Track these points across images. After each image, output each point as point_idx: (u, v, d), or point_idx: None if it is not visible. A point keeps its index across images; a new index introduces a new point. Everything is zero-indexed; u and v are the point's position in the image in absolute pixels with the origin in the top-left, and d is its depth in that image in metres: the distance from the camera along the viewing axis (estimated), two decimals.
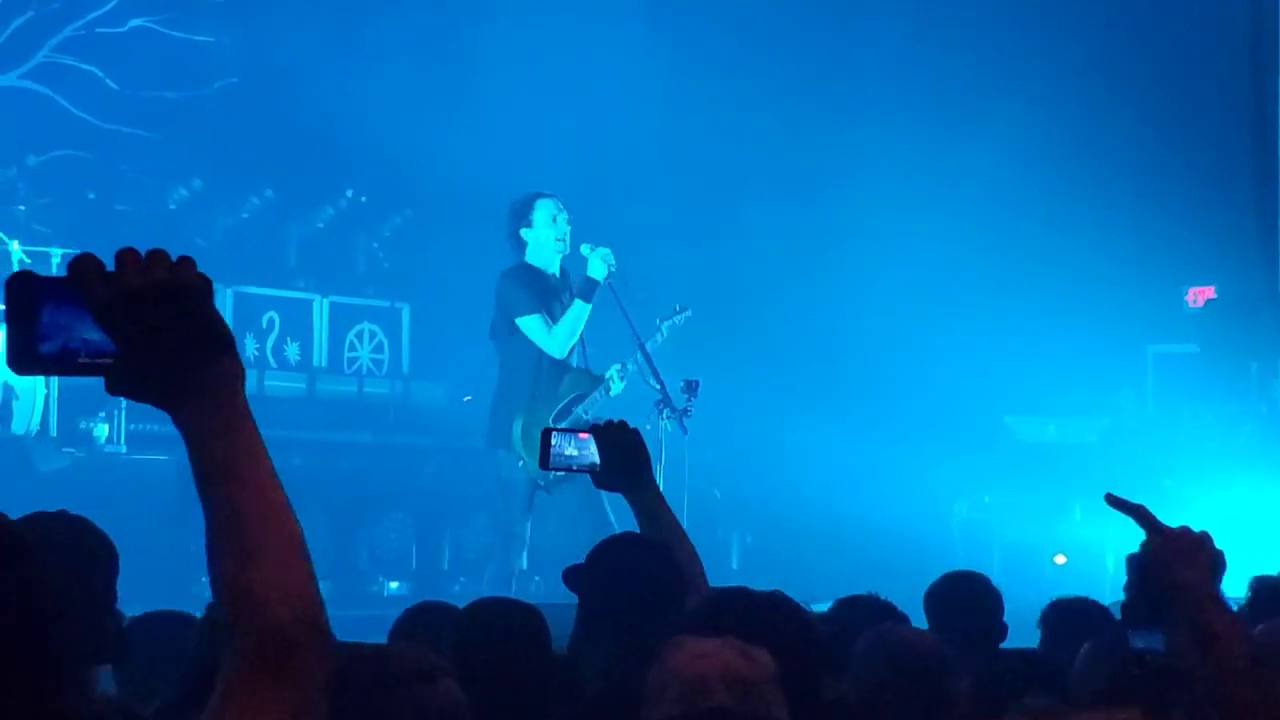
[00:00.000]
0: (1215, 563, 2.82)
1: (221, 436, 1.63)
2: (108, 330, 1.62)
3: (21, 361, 1.64)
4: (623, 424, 4.10)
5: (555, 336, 8.33)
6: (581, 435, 4.11)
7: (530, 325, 8.30)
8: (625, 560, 3.75)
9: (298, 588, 1.61)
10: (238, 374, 1.66)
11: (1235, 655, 2.68)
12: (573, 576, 3.84)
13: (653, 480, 4.12)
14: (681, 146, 12.67)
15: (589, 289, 8.34)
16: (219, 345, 1.65)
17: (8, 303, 1.63)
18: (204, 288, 1.65)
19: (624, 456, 4.03)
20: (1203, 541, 2.85)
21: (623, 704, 3.09)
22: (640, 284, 8.57)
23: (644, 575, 3.67)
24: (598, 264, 8.30)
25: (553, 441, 4.07)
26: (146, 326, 1.61)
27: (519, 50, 12.27)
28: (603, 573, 3.73)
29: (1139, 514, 2.91)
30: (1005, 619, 4.79)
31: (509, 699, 3.43)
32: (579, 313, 8.34)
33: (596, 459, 4.05)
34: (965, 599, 4.69)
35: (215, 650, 2.64)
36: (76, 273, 1.63)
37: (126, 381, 1.64)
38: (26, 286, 1.63)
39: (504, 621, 3.65)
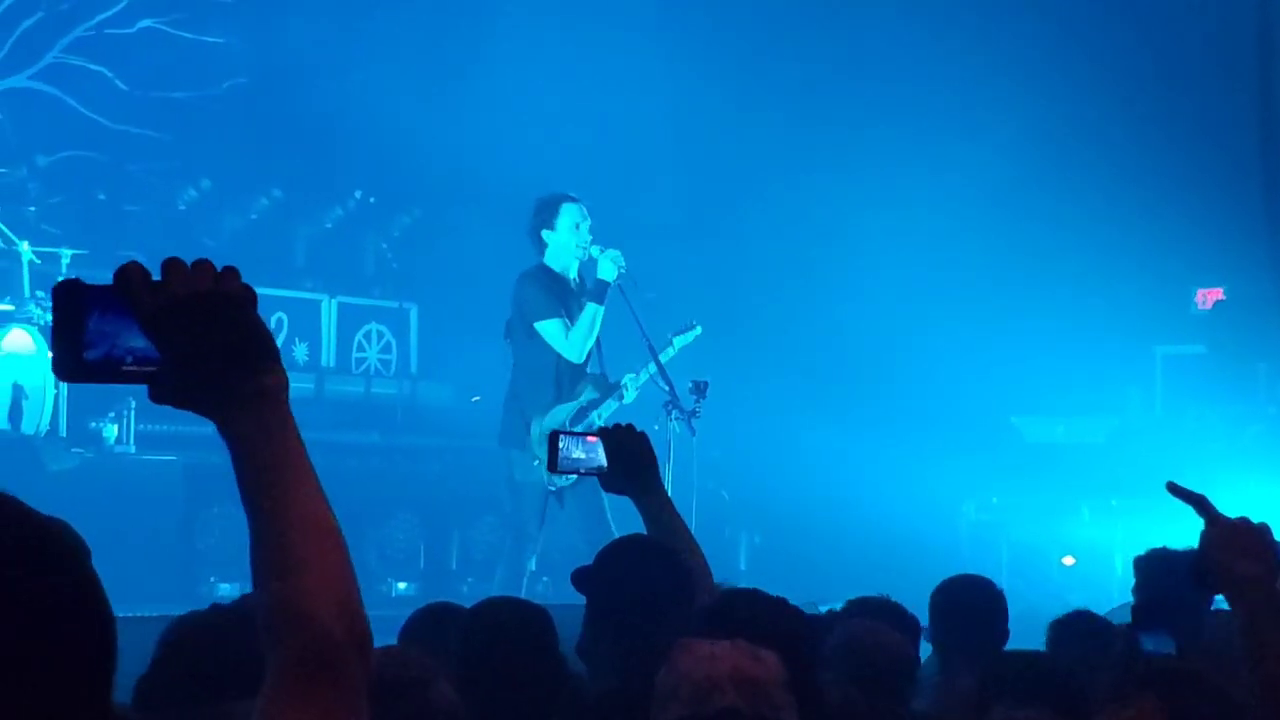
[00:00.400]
0: (1275, 554, 2.72)
1: (266, 446, 1.64)
2: (153, 339, 1.63)
3: (67, 369, 1.65)
4: (630, 427, 4.11)
5: (572, 341, 8.35)
6: (589, 438, 4.11)
7: (549, 329, 8.31)
8: (632, 562, 3.75)
9: (343, 601, 1.61)
10: (282, 384, 1.67)
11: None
12: (581, 578, 3.84)
13: (660, 484, 4.13)
14: (690, 147, 12.67)
15: (600, 291, 8.34)
16: (263, 355, 1.66)
17: (55, 310, 1.65)
18: (248, 297, 1.66)
19: (631, 460, 4.04)
20: (1262, 533, 2.74)
21: (628, 705, 3.10)
22: (649, 284, 8.56)
23: (651, 577, 3.68)
24: (608, 265, 8.30)
25: (560, 444, 4.07)
26: (191, 335, 1.63)
27: (528, 51, 12.28)
28: (610, 575, 3.74)
29: (1198, 503, 2.81)
30: (1012, 621, 4.79)
31: (514, 699, 3.44)
32: (593, 315, 8.35)
33: (604, 461, 4.06)
34: (968, 603, 4.70)
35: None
36: (122, 281, 1.64)
37: (171, 390, 1.66)
38: (73, 294, 1.64)
39: (511, 621, 3.66)
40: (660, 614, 3.56)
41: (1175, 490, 2.83)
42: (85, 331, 1.63)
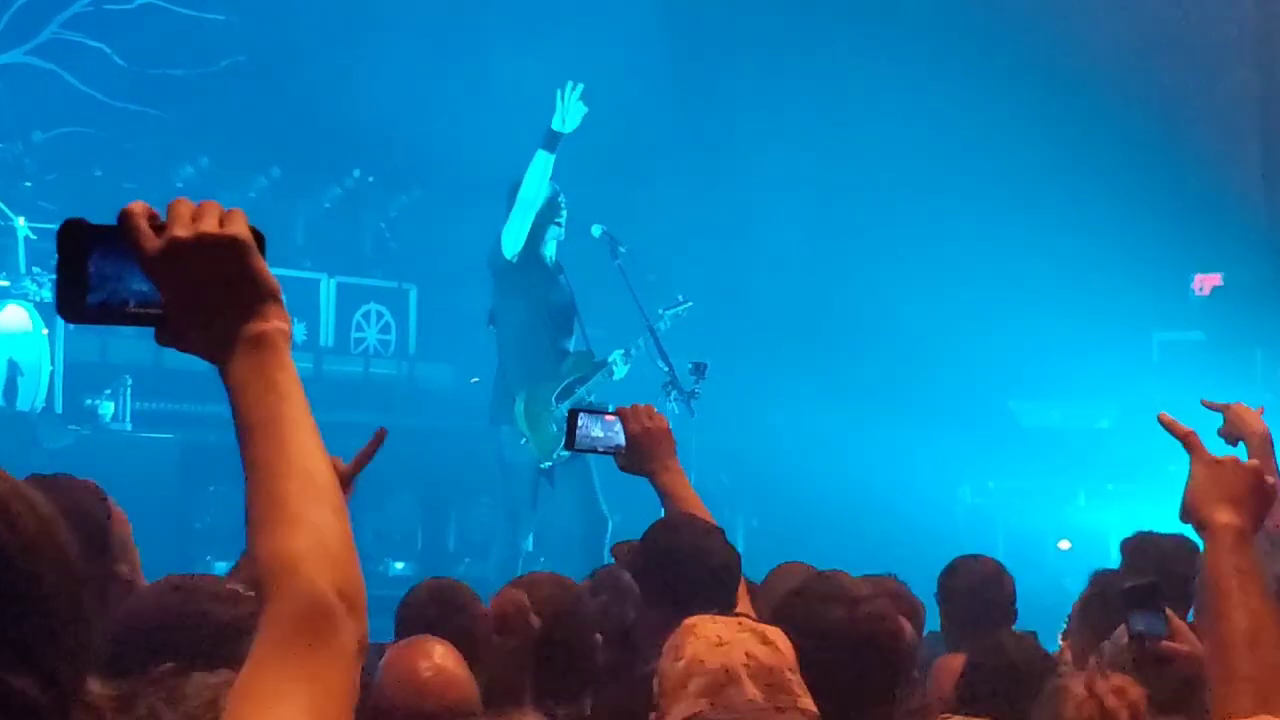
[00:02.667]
0: (1261, 502, 2.52)
1: (265, 394, 1.61)
2: (154, 280, 1.61)
3: (69, 310, 1.63)
4: (649, 408, 4.08)
5: (522, 197, 8.39)
6: (608, 417, 4.09)
7: (507, 229, 8.38)
8: (684, 542, 3.69)
9: (336, 560, 1.57)
10: (283, 330, 1.65)
11: (1236, 629, 2.42)
12: (625, 554, 3.81)
13: (678, 465, 4.10)
14: (692, 129, 12.65)
15: (552, 140, 8.37)
16: (265, 299, 1.64)
17: (58, 250, 1.63)
18: (252, 241, 1.64)
19: (651, 440, 4.01)
20: (1252, 478, 2.55)
21: None
22: (649, 266, 8.57)
23: (703, 557, 3.62)
24: (573, 116, 8.33)
25: (579, 422, 4.04)
26: (192, 278, 1.61)
27: (529, 30, 12.24)
28: (659, 553, 3.67)
29: (1185, 438, 2.74)
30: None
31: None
32: (543, 162, 8.37)
33: (622, 441, 4.04)
34: (976, 583, 4.71)
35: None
36: (125, 221, 1.62)
37: (173, 332, 1.63)
38: (76, 235, 1.62)
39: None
40: (712, 594, 3.53)
41: (1166, 423, 2.74)
42: (88, 273, 1.62)
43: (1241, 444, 4.12)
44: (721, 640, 2.64)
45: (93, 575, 1.47)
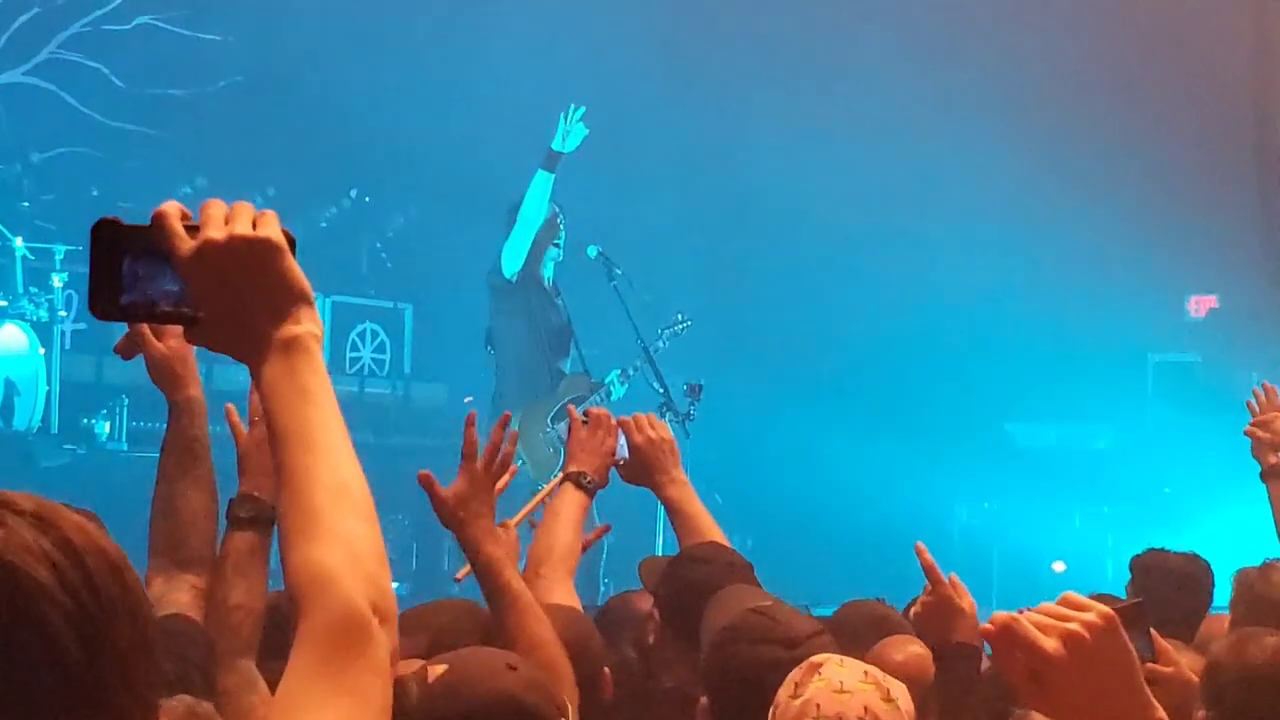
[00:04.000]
0: None
1: (296, 399, 1.62)
2: (187, 281, 1.62)
3: (102, 308, 1.65)
4: (651, 418, 4.01)
5: (523, 216, 8.40)
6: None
7: (507, 248, 8.38)
8: (709, 578, 3.57)
9: (370, 571, 1.56)
10: (316, 333, 1.65)
11: None
12: (649, 574, 3.74)
13: (684, 476, 4.02)
14: (687, 150, 12.67)
15: (552, 160, 8.40)
16: (297, 301, 1.64)
17: (92, 249, 1.65)
18: (285, 244, 1.65)
19: (655, 451, 3.95)
20: None
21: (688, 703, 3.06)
22: (644, 286, 8.59)
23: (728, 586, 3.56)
24: (574, 139, 8.36)
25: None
26: (225, 280, 1.61)
27: (525, 49, 12.27)
28: (684, 585, 3.57)
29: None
30: None
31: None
32: (543, 182, 8.38)
33: (625, 452, 4.01)
34: None
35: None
36: (159, 223, 1.63)
37: (204, 332, 1.64)
38: (110, 235, 1.64)
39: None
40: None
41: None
42: (121, 272, 1.63)
43: None
44: (843, 688, 2.56)
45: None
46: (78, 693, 1.36)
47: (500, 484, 3.30)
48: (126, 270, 1.63)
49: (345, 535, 1.56)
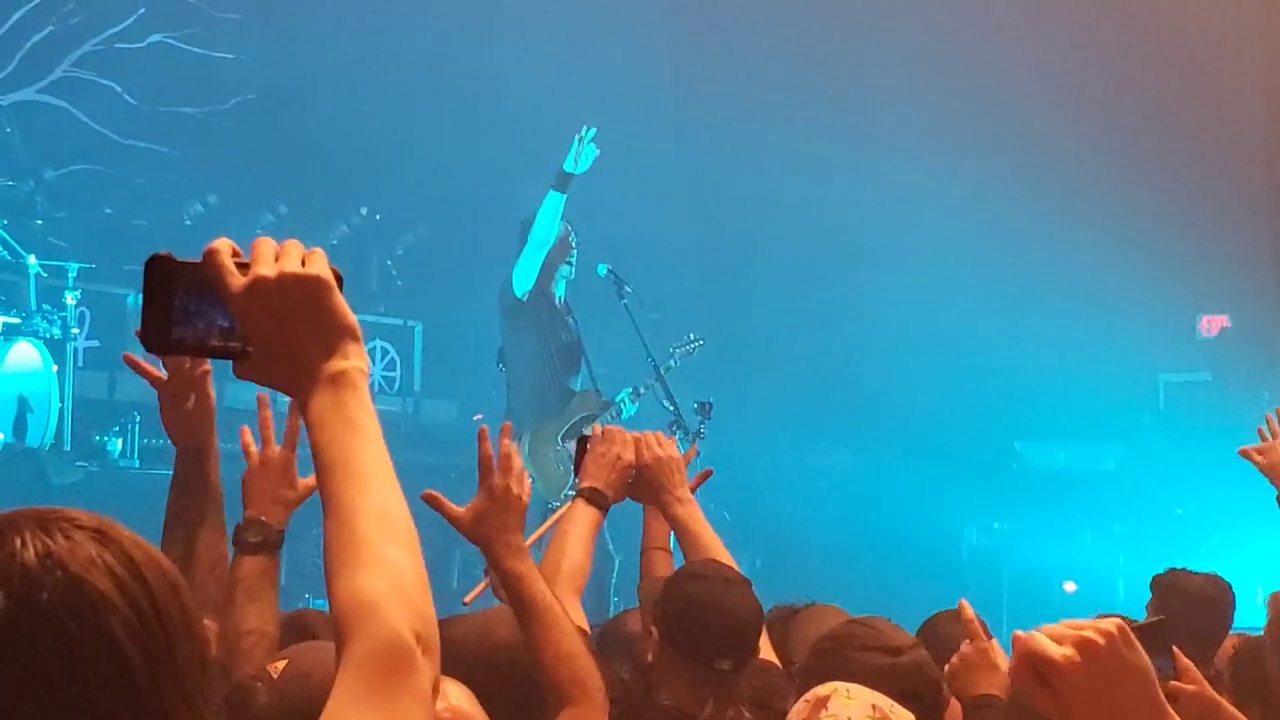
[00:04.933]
0: None
1: (343, 432, 1.64)
2: (238, 316, 1.66)
3: (155, 343, 1.69)
4: (659, 435, 4.01)
5: (533, 238, 8.42)
6: None
7: (518, 268, 8.41)
8: (706, 593, 3.58)
9: (414, 600, 1.58)
10: (363, 369, 1.68)
11: None
12: (650, 594, 3.75)
13: (690, 495, 4.02)
14: (698, 166, 12.69)
15: (564, 180, 8.42)
16: (345, 337, 1.68)
17: (146, 283, 1.68)
18: (333, 281, 1.70)
19: (661, 469, 3.95)
20: None
21: None
22: (654, 305, 8.61)
23: (728, 608, 3.54)
24: (585, 159, 8.38)
25: (588, 449, 4.03)
26: (274, 315, 1.66)
27: (536, 69, 12.30)
28: (681, 602, 3.59)
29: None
30: (1009, 647, 4.78)
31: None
32: (554, 203, 8.41)
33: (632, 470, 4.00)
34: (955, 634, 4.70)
35: None
36: (211, 259, 1.67)
37: (254, 367, 1.68)
38: (163, 269, 1.68)
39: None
40: (737, 649, 3.50)
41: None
42: (173, 306, 1.67)
43: None
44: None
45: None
46: (142, 704, 1.39)
47: (524, 495, 3.28)
48: (178, 305, 1.67)
49: (389, 564, 1.59)
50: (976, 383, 11.78)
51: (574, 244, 8.61)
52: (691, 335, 8.82)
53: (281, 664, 2.46)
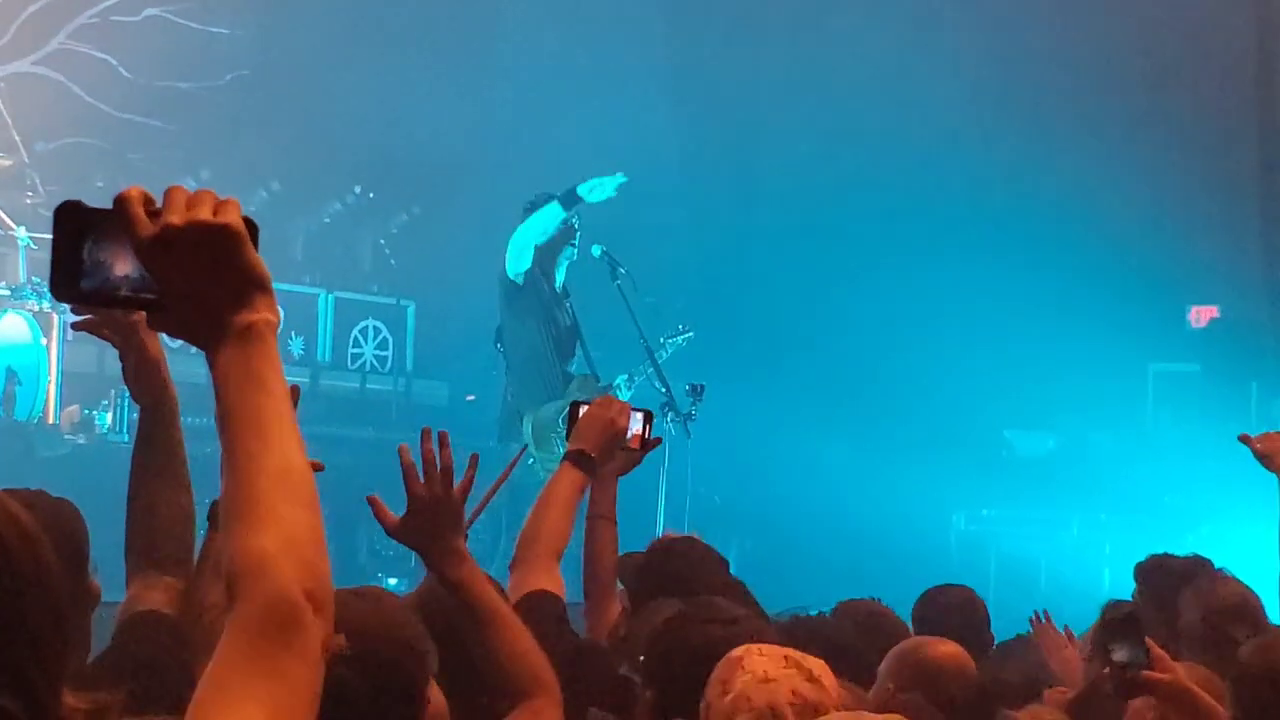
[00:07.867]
0: None
1: (246, 386, 1.61)
2: (147, 266, 1.62)
3: (63, 291, 1.65)
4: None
5: (526, 228, 8.44)
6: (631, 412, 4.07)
7: (510, 255, 8.42)
8: (683, 567, 3.62)
9: (308, 559, 1.55)
10: (272, 321, 1.64)
11: None
12: (629, 570, 3.75)
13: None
14: (694, 150, 12.69)
15: (571, 200, 8.43)
16: (255, 289, 1.63)
17: (54, 231, 1.64)
18: (245, 231, 1.65)
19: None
20: None
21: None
22: (648, 289, 8.62)
23: (705, 578, 3.57)
24: (601, 191, 8.39)
25: (581, 414, 4.03)
26: (183, 266, 1.62)
27: (530, 48, 12.29)
28: (661, 576, 3.61)
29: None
30: (1000, 633, 4.82)
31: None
32: (551, 213, 8.42)
33: (637, 429, 3.99)
34: (949, 609, 4.75)
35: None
36: (121, 207, 1.64)
37: (165, 319, 1.65)
38: (73, 218, 1.64)
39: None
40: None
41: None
42: (83, 256, 1.63)
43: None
44: (768, 677, 2.61)
45: (73, 592, 1.48)
46: None
47: (459, 492, 3.14)
48: (88, 254, 1.62)
49: (284, 521, 1.55)
50: (966, 371, 11.80)
51: (577, 227, 8.61)
52: (681, 326, 8.83)
53: None
